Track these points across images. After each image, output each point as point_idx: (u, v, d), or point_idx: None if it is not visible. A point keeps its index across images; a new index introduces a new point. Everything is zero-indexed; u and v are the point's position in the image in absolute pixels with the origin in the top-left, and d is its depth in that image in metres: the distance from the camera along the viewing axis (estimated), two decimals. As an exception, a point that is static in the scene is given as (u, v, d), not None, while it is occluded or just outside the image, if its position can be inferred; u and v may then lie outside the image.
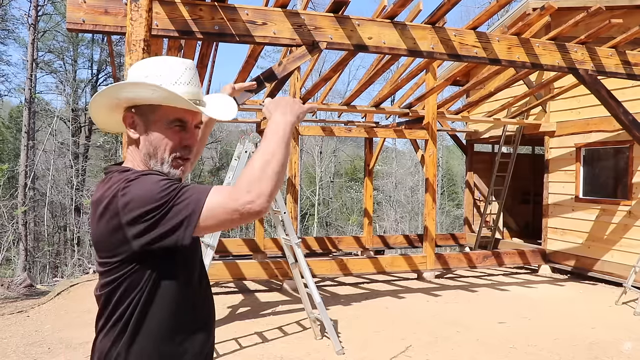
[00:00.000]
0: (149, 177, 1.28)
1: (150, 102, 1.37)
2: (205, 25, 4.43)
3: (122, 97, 1.37)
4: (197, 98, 1.39)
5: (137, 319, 1.30)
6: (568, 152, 8.52)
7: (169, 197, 1.23)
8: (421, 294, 7.05)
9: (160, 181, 1.26)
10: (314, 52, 4.81)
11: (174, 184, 1.27)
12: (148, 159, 1.39)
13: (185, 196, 1.23)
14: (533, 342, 5.02)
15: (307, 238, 10.45)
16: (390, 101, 20.69)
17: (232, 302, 6.50)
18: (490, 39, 5.40)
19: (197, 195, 1.23)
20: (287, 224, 4.83)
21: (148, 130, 1.38)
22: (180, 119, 1.39)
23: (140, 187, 1.25)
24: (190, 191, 1.24)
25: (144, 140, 1.39)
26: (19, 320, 5.95)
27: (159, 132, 1.38)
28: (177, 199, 1.23)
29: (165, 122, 1.37)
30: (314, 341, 4.96)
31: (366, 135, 8.85)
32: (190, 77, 1.39)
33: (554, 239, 8.80)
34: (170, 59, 1.39)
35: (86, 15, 4.17)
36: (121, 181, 1.28)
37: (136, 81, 1.34)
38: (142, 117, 1.39)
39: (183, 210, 1.22)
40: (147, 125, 1.38)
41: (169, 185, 1.25)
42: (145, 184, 1.25)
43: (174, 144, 1.38)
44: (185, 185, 1.27)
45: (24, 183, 19.01)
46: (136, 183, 1.26)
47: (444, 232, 19.23)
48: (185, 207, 1.22)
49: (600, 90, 5.93)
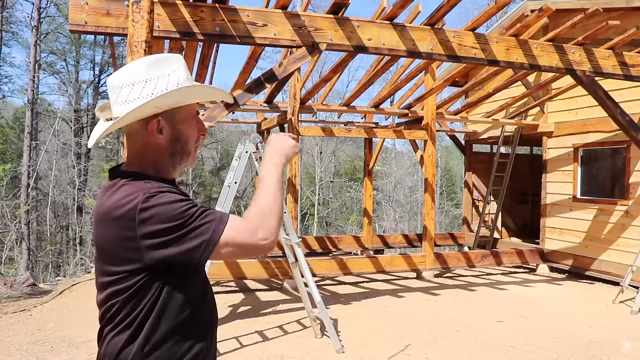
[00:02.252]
0: (168, 195, 1.29)
1: (179, 105, 1.38)
2: (206, 26, 4.48)
3: (164, 105, 1.36)
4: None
5: (148, 328, 1.31)
6: (566, 152, 8.57)
7: (191, 218, 1.26)
8: (420, 293, 7.10)
9: (182, 201, 1.29)
10: (314, 53, 4.87)
11: (195, 205, 1.30)
12: (173, 157, 1.41)
13: (205, 220, 1.27)
14: (531, 341, 5.07)
15: (307, 237, 10.49)
16: (390, 102, 20.74)
17: (232, 301, 6.54)
18: (489, 40, 5.45)
19: (217, 223, 1.28)
20: (288, 224, 4.88)
21: (177, 131, 1.40)
22: (197, 111, 1.46)
23: (163, 203, 1.26)
24: (211, 216, 1.28)
25: (171, 141, 1.39)
26: (22, 318, 5.99)
27: (188, 130, 1.42)
28: (198, 221, 1.26)
29: (191, 119, 1.43)
30: (314, 340, 5.01)
31: (366, 136, 8.90)
32: (185, 68, 1.42)
33: (552, 238, 8.84)
34: (157, 57, 1.38)
35: (88, 16, 4.23)
36: (141, 193, 1.27)
37: (200, 84, 1.41)
38: (168, 120, 1.38)
39: (203, 234, 1.26)
40: (175, 126, 1.40)
41: (190, 206, 1.28)
42: (167, 201, 1.27)
43: (198, 134, 1.45)
44: (206, 209, 1.30)
45: (26, 183, 19.06)
46: (158, 198, 1.27)
47: (443, 231, 19.25)
48: (205, 231, 1.26)
49: (598, 91, 5.97)
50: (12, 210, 18.87)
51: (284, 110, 8.12)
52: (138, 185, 1.32)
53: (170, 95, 1.34)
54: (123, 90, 1.34)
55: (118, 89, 1.35)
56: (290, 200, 7.49)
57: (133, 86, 1.34)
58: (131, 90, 1.34)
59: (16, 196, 20.13)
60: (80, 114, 24.51)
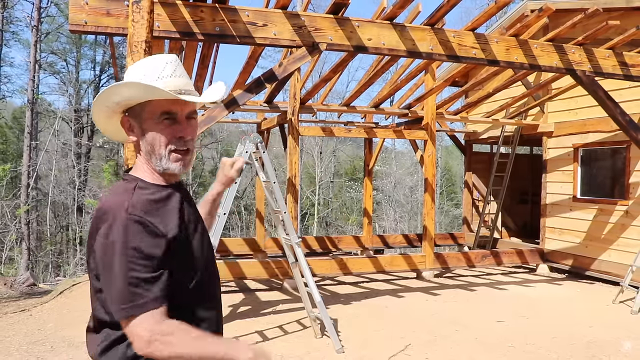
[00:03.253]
0: (134, 226, 1.29)
1: (137, 101, 1.39)
2: (206, 26, 4.48)
3: (112, 103, 1.41)
4: (182, 88, 1.40)
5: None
6: (566, 152, 8.56)
7: (126, 276, 1.26)
8: (420, 293, 7.10)
9: (136, 250, 1.27)
10: (314, 53, 4.87)
11: (148, 267, 1.28)
12: (149, 158, 1.42)
13: (133, 291, 1.26)
14: (531, 341, 5.07)
15: (307, 237, 10.50)
16: (390, 102, 20.73)
17: (232, 301, 6.54)
18: (489, 40, 5.45)
19: (137, 307, 1.26)
20: (288, 224, 4.88)
21: (143, 129, 1.41)
22: (168, 111, 1.39)
23: (116, 240, 1.28)
24: (139, 294, 1.27)
25: (142, 140, 1.42)
26: (22, 318, 5.99)
27: (152, 129, 1.39)
28: (127, 285, 1.26)
29: (155, 118, 1.39)
30: (314, 340, 5.01)
31: (366, 136, 8.90)
32: (173, 69, 1.40)
33: (552, 238, 8.84)
34: (153, 57, 1.43)
35: (88, 16, 4.23)
36: (118, 211, 1.30)
37: (115, 84, 1.37)
38: (135, 119, 1.41)
39: (121, 298, 1.27)
40: (141, 125, 1.41)
41: (140, 267, 1.27)
42: (123, 240, 1.28)
43: (167, 137, 1.39)
44: (149, 280, 1.27)
45: (26, 183, 19.06)
46: (119, 231, 1.28)
47: (443, 231, 19.25)
48: (122, 298, 1.27)
49: (598, 91, 5.97)
50: (12, 210, 18.87)
51: (284, 110, 8.12)
52: (124, 196, 1.35)
53: (110, 90, 1.37)
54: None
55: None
56: (290, 200, 7.49)
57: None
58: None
59: (16, 196, 20.13)
60: (80, 114, 24.51)
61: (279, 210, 4.88)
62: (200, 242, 1.47)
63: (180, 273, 1.37)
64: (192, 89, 1.45)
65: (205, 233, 1.54)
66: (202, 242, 1.49)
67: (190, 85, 1.44)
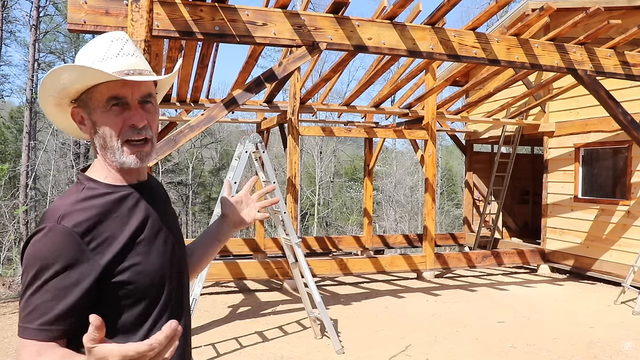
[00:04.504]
0: (50, 238, 1.11)
1: (78, 88, 1.21)
2: (205, 25, 4.46)
3: (55, 92, 1.22)
4: (130, 68, 1.21)
5: None
6: (567, 152, 8.54)
7: (26, 288, 1.10)
8: (421, 294, 7.08)
9: (39, 261, 1.10)
10: (314, 52, 4.84)
11: (38, 278, 1.09)
12: (104, 153, 1.24)
13: (27, 304, 1.09)
14: (532, 342, 5.05)
15: (307, 238, 10.47)
16: (390, 101, 20.73)
17: (232, 301, 6.52)
18: (490, 39, 5.43)
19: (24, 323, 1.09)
20: (287, 224, 4.86)
21: (93, 121, 1.23)
22: (115, 95, 1.20)
23: (34, 250, 1.12)
24: (29, 309, 1.09)
25: (95, 134, 1.24)
26: (20, 319, 5.96)
27: (101, 119, 1.21)
28: (27, 297, 1.09)
29: (102, 105, 1.20)
30: (314, 340, 4.99)
31: (366, 136, 8.88)
32: (119, 48, 1.21)
33: (553, 238, 8.82)
34: (100, 36, 1.24)
35: (87, 16, 4.20)
36: (52, 216, 1.14)
37: (53, 68, 1.18)
38: (85, 109, 1.23)
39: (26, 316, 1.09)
40: (90, 116, 1.23)
41: (36, 277, 1.09)
42: (36, 248, 1.12)
43: (118, 126, 1.21)
44: (37, 293, 1.09)
45: (25, 183, 19.03)
46: (38, 239, 1.12)
47: (443, 231, 19.23)
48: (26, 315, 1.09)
49: (599, 91, 5.95)
50: (11, 210, 18.85)
51: (284, 110, 8.10)
52: (65, 200, 1.18)
53: (47, 78, 1.19)
54: None
55: None
56: (290, 200, 7.46)
57: None
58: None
59: (14, 196, 20.11)
60: (79, 113, 24.48)
61: (279, 211, 4.85)
62: (159, 256, 1.25)
63: (117, 299, 1.17)
64: (145, 67, 1.25)
65: (169, 243, 1.30)
66: (163, 256, 1.26)
67: (142, 64, 1.24)
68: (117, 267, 1.16)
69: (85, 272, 1.11)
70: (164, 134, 9.40)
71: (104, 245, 1.15)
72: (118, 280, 1.16)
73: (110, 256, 1.15)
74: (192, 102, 8.36)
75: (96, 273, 1.12)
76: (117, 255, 1.16)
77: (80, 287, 1.10)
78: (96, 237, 1.14)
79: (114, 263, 1.15)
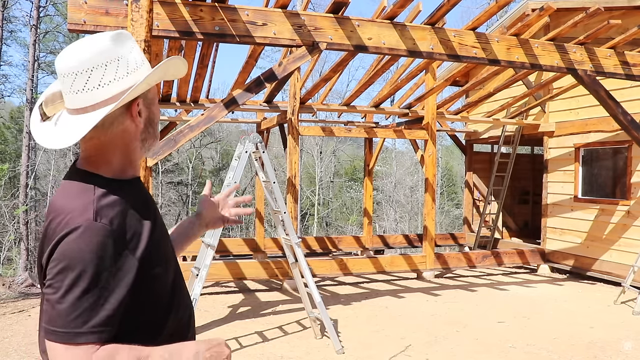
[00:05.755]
0: (93, 236, 1.07)
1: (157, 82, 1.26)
2: (205, 25, 4.46)
3: (158, 79, 1.25)
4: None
5: None
6: (567, 152, 8.54)
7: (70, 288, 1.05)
8: (421, 294, 7.07)
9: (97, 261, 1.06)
10: (314, 52, 4.84)
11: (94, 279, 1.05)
12: (142, 146, 1.25)
13: (74, 309, 1.04)
14: (532, 342, 5.05)
15: (307, 238, 10.47)
16: (390, 101, 20.72)
17: (232, 301, 6.52)
18: (490, 39, 5.43)
19: (66, 327, 1.03)
20: (287, 224, 4.86)
21: (150, 112, 1.25)
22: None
23: (79, 249, 1.07)
24: (77, 313, 1.04)
25: (146, 125, 1.24)
26: (20, 319, 5.96)
27: (157, 109, 1.28)
28: (68, 302, 1.04)
29: (157, 97, 1.30)
30: (314, 340, 4.99)
31: (366, 136, 8.88)
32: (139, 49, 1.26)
33: (553, 238, 8.82)
34: (117, 33, 1.20)
35: (87, 16, 4.20)
36: (78, 216, 1.09)
37: (170, 59, 1.21)
38: (145, 102, 1.23)
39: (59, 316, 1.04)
40: (149, 107, 1.25)
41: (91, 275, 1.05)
42: (84, 249, 1.07)
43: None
44: (92, 297, 1.04)
45: (25, 183, 19.03)
46: (78, 236, 1.07)
47: (443, 231, 19.24)
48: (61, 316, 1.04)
49: (599, 91, 5.95)
50: (11, 210, 18.85)
51: (284, 110, 8.10)
52: (83, 195, 1.13)
53: (157, 72, 1.19)
54: (95, 72, 1.12)
55: (87, 71, 1.12)
56: (290, 200, 7.46)
57: (106, 66, 1.13)
58: (105, 71, 1.13)
59: (15, 196, 20.12)
60: (79, 113, 24.47)
61: (279, 211, 4.85)
62: (167, 247, 1.29)
63: (146, 293, 1.16)
64: None
65: (167, 235, 1.35)
66: (168, 247, 1.31)
67: None
68: (150, 260, 1.16)
69: (127, 268, 1.10)
70: (164, 134, 9.40)
71: (135, 239, 1.14)
72: (153, 274, 1.17)
73: (142, 249, 1.14)
74: (192, 102, 8.36)
75: (135, 268, 1.11)
76: (146, 248, 1.15)
77: (124, 285, 1.09)
78: (127, 232, 1.13)
79: (146, 256, 1.15)
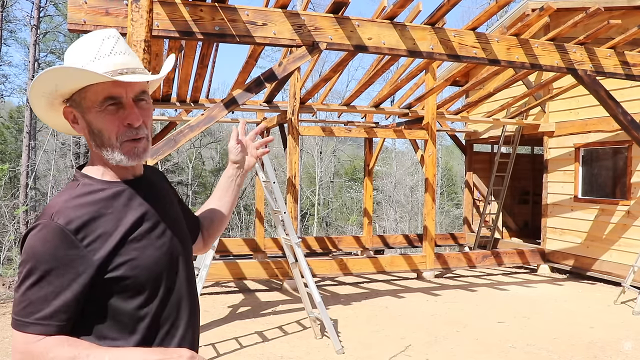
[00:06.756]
0: (44, 233, 1.13)
1: (72, 89, 1.21)
2: (205, 25, 4.46)
3: (47, 92, 1.22)
4: (124, 67, 1.20)
5: None
6: (567, 152, 8.54)
7: (21, 283, 1.14)
8: (421, 294, 7.07)
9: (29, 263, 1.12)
10: (314, 52, 4.84)
11: (34, 273, 1.12)
12: (101, 151, 1.23)
13: (24, 298, 1.13)
14: (532, 342, 5.04)
15: (307, 238, 10.47)
16: (390, 101, 20.72)
17: (232, 301, 6.52)
18: (490, 39, 5.43)
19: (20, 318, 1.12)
20: (287, 224, 4.86)
21: (88, 121, 1.22)
22: (110, 96, 1.19)
23: (32, 244, 1.14)
24: (27, 303, 1.12)
25: (89, 133, 1.24)
26: (20, 319, 5.97)
27: (97, 119, 1.20)
28: (21, 293, 1.13)
29: (97, 106, 1.19)
30: (314, 340, 4.99)
31: (366, 136, 8.88)
32: (111, 46, 1.20)
33: (553, 238, 8.82)
34: (90, 35, 1.22)
35: (87, 16, 4.20)
36: (48, 213, 1.16)
37: (43, 71, 1.18)
38: (77, 109, 1.22)
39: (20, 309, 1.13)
40: (85, 116, 1.22)
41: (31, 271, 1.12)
42: (33, 243, 1.14)
43: (115, 126, 1.20)
44: (36, 285, 1.11)
45: (25, 183, 19.04)
46: (35, 234, 1.14)
47: (443, 231, 19.22)
48: (21, 308, 1.13)
49: (599, 91, 5.95)
50: (11, 210, 18.85)
51: (284, 110, 8.09)
52: (60, 197, 1.20)
53: (38, 81, 1.18)
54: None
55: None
56: (290, 200, 7.46)
57: None
58: None
59: (15, 196, 20.12)
60: (79, 113, 24.50)
61: (279, 211, 4.86)
62: (155, 250, 1.25)
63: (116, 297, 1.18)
64: (137, 66, 1.24)
65: (166, 237, 1.29)
66: (159, 250, 1.26)
67: (134, 63, 1.24)
68: (113, 263, 1.16)
69: (80, 269, 1.13)
70: (164, 134, 9.40)
71: (98, 241, 1.15)
72: (113, 276, 1.17)
73: (105, 252, 1.15)
74: (192, 102, 8.36)
75: (92, 269, 1.14)
76: (112, 251, 1.16)
77: (75, 284, 1.12)
78: (90, 234, 1.14)
79: (109, 259, 1.16)
